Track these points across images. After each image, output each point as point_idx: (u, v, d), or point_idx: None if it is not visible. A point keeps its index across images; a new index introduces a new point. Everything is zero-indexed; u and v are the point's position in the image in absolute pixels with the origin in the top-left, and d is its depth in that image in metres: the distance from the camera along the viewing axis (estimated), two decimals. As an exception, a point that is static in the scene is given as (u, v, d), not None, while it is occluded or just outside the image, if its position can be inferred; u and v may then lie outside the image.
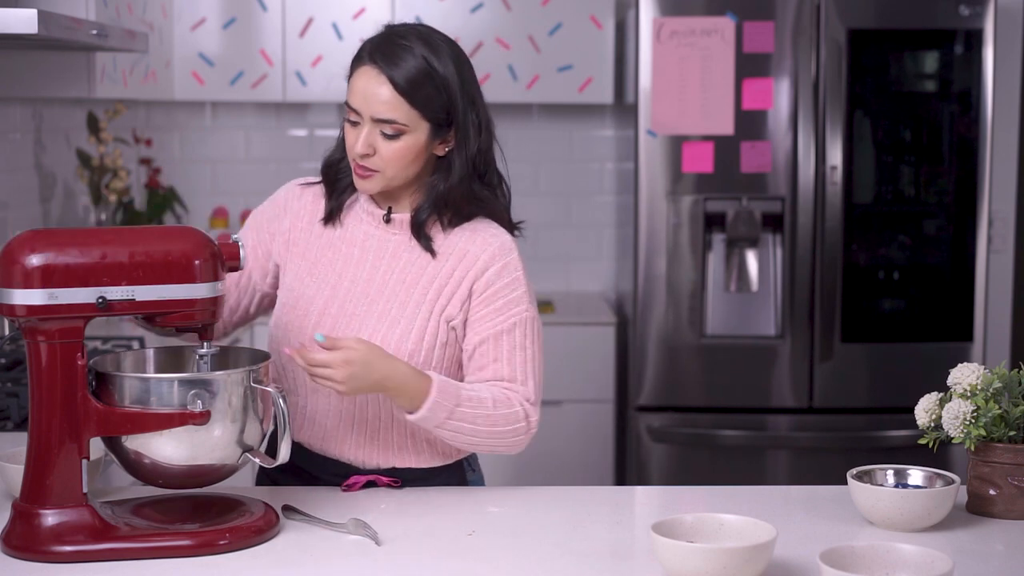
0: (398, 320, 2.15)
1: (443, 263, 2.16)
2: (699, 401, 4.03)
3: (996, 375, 2.05)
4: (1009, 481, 2.02)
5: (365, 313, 2.16)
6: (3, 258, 1.81)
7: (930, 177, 4.02)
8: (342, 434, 2.19)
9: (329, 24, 4.40)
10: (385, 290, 2.17)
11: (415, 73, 2.07)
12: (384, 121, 2.08)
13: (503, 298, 2.15)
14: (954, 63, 3.99)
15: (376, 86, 2.07)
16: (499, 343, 2.14)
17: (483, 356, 2.14)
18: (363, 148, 2.09)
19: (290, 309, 2.20)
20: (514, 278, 2.16)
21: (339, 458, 2.20)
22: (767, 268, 4.02)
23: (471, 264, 2.15)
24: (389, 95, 2.07)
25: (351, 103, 2.10)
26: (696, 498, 2.24)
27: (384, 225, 2.20)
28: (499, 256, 2.16)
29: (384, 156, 2.10)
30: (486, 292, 2.15)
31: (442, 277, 2.16)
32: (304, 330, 2.17)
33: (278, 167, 4.80)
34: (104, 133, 4.13)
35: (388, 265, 2.18)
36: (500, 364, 2.14)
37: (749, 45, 3.93)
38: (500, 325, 2.14)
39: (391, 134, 2.09)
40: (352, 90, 2.10)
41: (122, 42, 3.21)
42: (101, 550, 1.82)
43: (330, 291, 2.19)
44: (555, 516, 2.05)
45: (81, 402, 1.83)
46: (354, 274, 2.19)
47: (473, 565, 1.84)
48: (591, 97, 4.47)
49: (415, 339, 2.13)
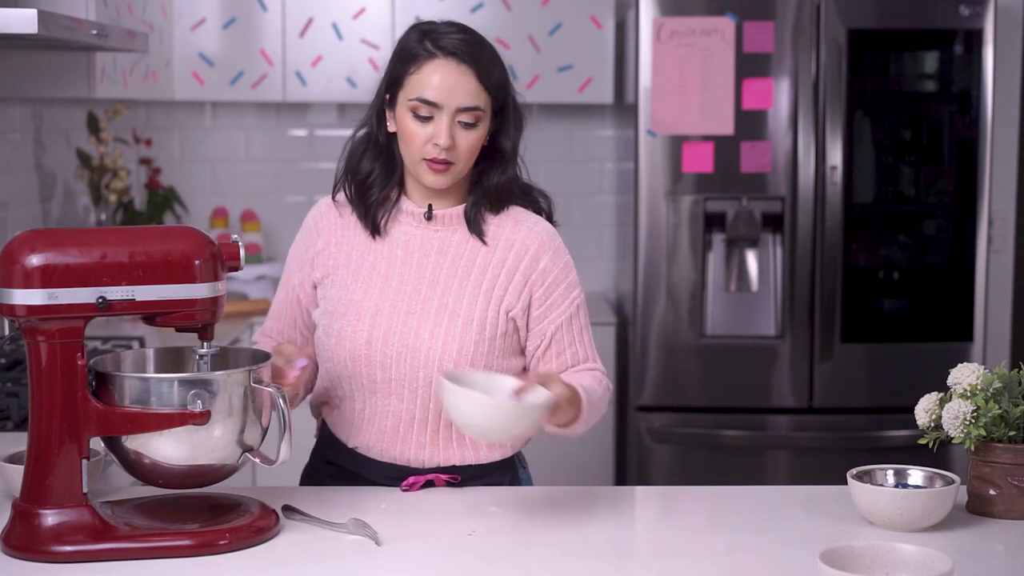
0: (457, 312, 2.16)
1: (493, 253, 2.20)
2: (699, 401, 4.03)
3: (996, 375, 2.05)
4: (1009, 481, 2.02)
5: (422, 310, 2.17)
6: (3, 258, 1.81)
7: (930, 177, 4.02)
8: (403, 435, 2.18)
9: (329, 24, 4.40)
10: (438, 285, 2.18)
11: (478, 50, 2.15)
12: (467, 109, 2.13)
13: (563, 283, 2.22)
14: (954, 63, 3.99)
15: (459, 75, 2.12)
16: (571, 328, 2.22)
17: (559, 343, 2.21)
18: (448, 139, 2.12)
19: (340, 316, 2.19)
20: (566, 262, 2.24)
21: (397, 460, 2.20)
22: (767, 268, 4.02)
23: (522, 254, 2.20)
24: (473, 83, 2.13)
25: (428, 98, 2.12)
26: (696, 498, 2.24)
27: (425, 223, 2.22)
28: (548, 244, 2.22)
29: (461, 147, 2.14)
30: (547, 281, 2.20)
31: (494, 267, 2.19)
32: (359, 334, 2.16)
33: (278, 167, 4.80)
34: (104, 133, 4.13)
35: (436, 261, 2.20)
36: (576, 347, 2.22)
37: (749, 45, 3.93)
38: (568, 311, 2.21)
39: (471, 122, 2.14)
40: (426, 86, 2.12)
41: (122, 42, 3.21)
42: (101, 550, 1.82)
43: (378, 293, 2.19)
44: (555, 516, 2.05)
45: (81, 402, 1.83)
46: (401, 274, 2.20)
47: (473, 565, 1.84)
48: (591, 97, 4.47)
49: (477, 328, 2.15)
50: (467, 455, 2.20)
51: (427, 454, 2.19)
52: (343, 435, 2.23)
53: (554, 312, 2.20)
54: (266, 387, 1.90)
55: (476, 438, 2.13)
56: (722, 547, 1.93)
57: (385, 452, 2.20)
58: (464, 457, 2.20)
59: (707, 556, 1.89)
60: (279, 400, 1.89)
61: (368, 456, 2.21)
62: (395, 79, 2.17)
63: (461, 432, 2.14)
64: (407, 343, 2.15)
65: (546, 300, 2.20)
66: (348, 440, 2.22)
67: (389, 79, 2.19)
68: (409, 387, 2.15)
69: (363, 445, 2.21)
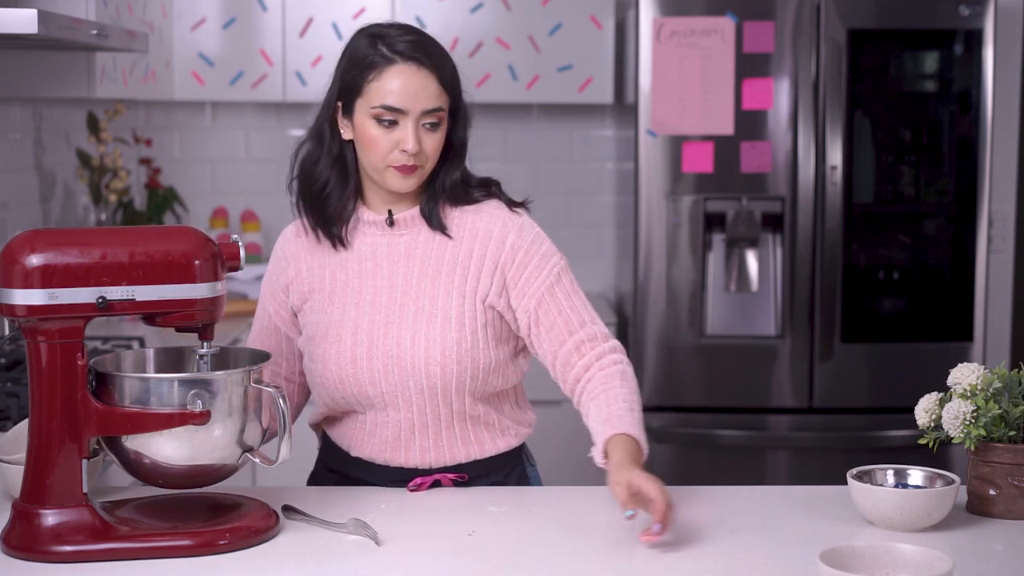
0: (435, 314, 2.15)
1: (459, 246, 2.18)
2: (699, 401, 4.03)
3: (996, 375, 2.05)
4: (1009, 481, 2.02)
5: (399, 318, 2.15)
6: (3, 258, 1.81)
7: (930, 177, 4.02)
8: (406, 442, 2.18)
9: (329, 24, 4.40)
10: (411, 289, 2.17)
11: (441, 57, 2.14)
12: (431, 111, 2.12)
13: (535, 255, 2.19)
14: (954, 63, 3.99)
15: (422, 79, 2.10)
16: (554, 295, 2.18)
17: (547, 315, 2.17)
18: (415, 145, 2.10)
19: (321, 340, 2.18)
20: (535, 235, 2.21)
21: (404, 466, 2.19)
22: (767, 268, 4.02)
23: (487, 240, 2.18)
24: (435, 86, 2.11)
25: (391, 104, 2.10)
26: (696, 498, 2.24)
27: (388, 229, 2.20)
28: (511, 223, 2.20)
29: (428, 149, 2.13)
30: (517, 258, 2.18)
31: (463, 260, 2.17)
32: (343, 355, 2.15)
33: (278, 167, 4.77)
34: (104, 133, 4.13)
35: (405, 265, 2.18)
36: (565, 314, 2.18)
37: (749, 45, 3.93)
38: (547, 279, 2.18)
39: (435, 123, 2.13)
40: (388, 92, 2.10)
41: (122, 42, 3.21)
42: (101, 550, 1.82)
43: (355, 310, 2.17)
44: (555, 516, 2.05)
45: (81, 402, 1.83)
46: (374, 286, 2.18)
47: (473, 565, 1.84)
48: (591, 97, 4.47)
49: (456, 325, 2.14)
50: (472, 452, 2.20)
51: (432, 457, 2.18)
52: (346, 446, 2.23)
53: (531, 286, 2.17)
54: (266, 387, 1.90)
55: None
56: (722, 547, 1.93)
57: (391, 460, 2.19)
58: (470, 454, 2.20)
59: (707, 556, 1.89)
60: (279, 400, 1.89)
61: (374, 464, 2.21)
62: (351, 86, 2.14)
63: (468, 431, 2.17)
64: (391, 354, 2.13)
65: (521, 276, 2.17)
66: (351, 450, 2.22)
67: (343, 87, 2.16)
68: (403, 397, 2.15)
69: (367, 455, 2.21)
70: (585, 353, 2.18)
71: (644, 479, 1.92)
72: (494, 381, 2.18)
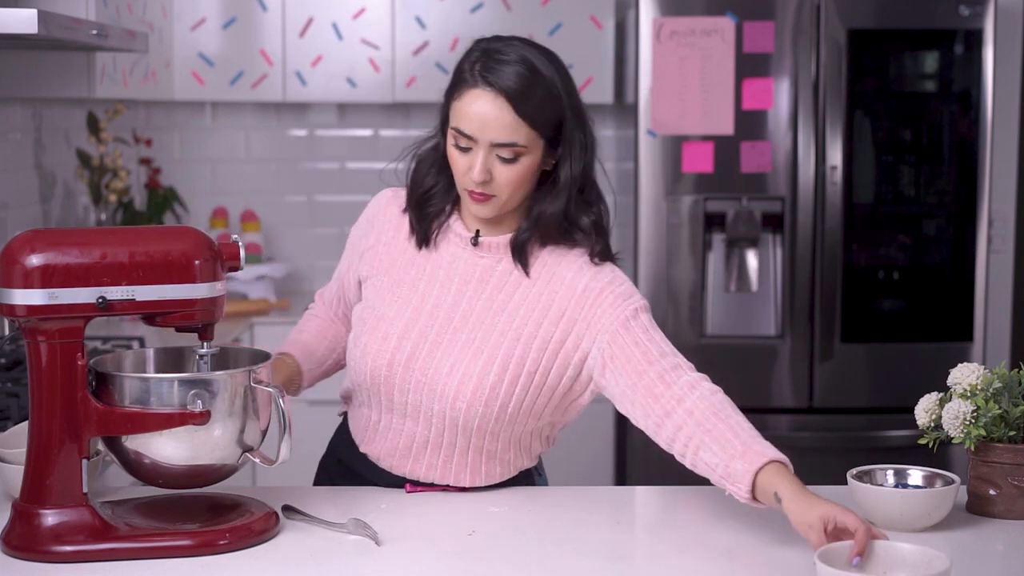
0: (481, 351, 2.08)
1: (531, 287, 2.11)
2: (699, 401, 4.02)
3: (996, 375, 2.05)
4: (1009, 481, 2.02)
5: (448, 341, 2.10)
6: (3, 258, 1.81)
7: (930, 177, 4.02)
8: (415, 454, 2.15)
9: (329, 24, 4.40)
10: (470, 317, 2.10)
11: (525, 85, 1.99)
12: (503, 145, 2.01)
13: (611, 294, 2.08)
14: (954, 63, 3.99)
15: (494, 110, 1.99)
16: (629, 329, 2.06)
17: (622, 349, 2.05)
18: (482, 175, 2.01)
19: (371, 329, 2.15)
20: (613, 277, 2.10)
21: (407, 476, 2.17)
22: (767, 268, 4.02)
23: (559, 285, 2.09)
24: (510, 118, 1.99)
25: (463, 129, 2.01)
26: (696, 498, 2.24)
27: (471, 248, 2.14)
28: (586, 269, 2.10)
29: (500, 181, 2.03)
30: (589, 299, 2.08)
31: (529, 303, 2.09)
32: (382, 354, 2.11)
33: (278, 167, 4.80)
34: (104, 133, 4.13)
35: (475, 290, 2.12)
36: (643, 346, 2.06)
37: (749, 45, 3.93)
38: (622, 315, 2.06)
39: (509, 157, 2.02)
40: (463, 116, 2.01)
41: (122, 42, 3.21)
42: (101, 550, 1.82)
43: (412, 313, 2.13)
44: (555, 516, 2.05)
45: (81, 402, 1.83)
46: (438, 297, 2.13)
47: (473, 565, 1.84)
48: (591, 97, 4.46)
49: (498, 370, 2.06)
50: (478, 480, 2.16)
51: (438, 474, 2.16)
52: (357, 438, 2.22)
53: (605, 320, 2.06)
54: (266, 387, 1.90)
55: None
56: (722, 547, 1.93)
57: (395, 467, 2.17)
58: (474, 480, 2.17)
59: (707, 556, 1.89)
60: (279, 400, 1.89)
61: (378, 466, 2.20)
62: (446, 100, 2.08)
63: (480, 462, 2.14)
64: (427, 374, 2.09)
65: (593, 314, 2.07)
66: (360, 445, 2.21)
67: (446, 96, 2.10)
68: (424, 414, 2.12)
69: (373, 455, 2.19)
70: (672, 383, 2.08)
71: (838, 511, 1.81)
72: (520, 426, 2.12)
